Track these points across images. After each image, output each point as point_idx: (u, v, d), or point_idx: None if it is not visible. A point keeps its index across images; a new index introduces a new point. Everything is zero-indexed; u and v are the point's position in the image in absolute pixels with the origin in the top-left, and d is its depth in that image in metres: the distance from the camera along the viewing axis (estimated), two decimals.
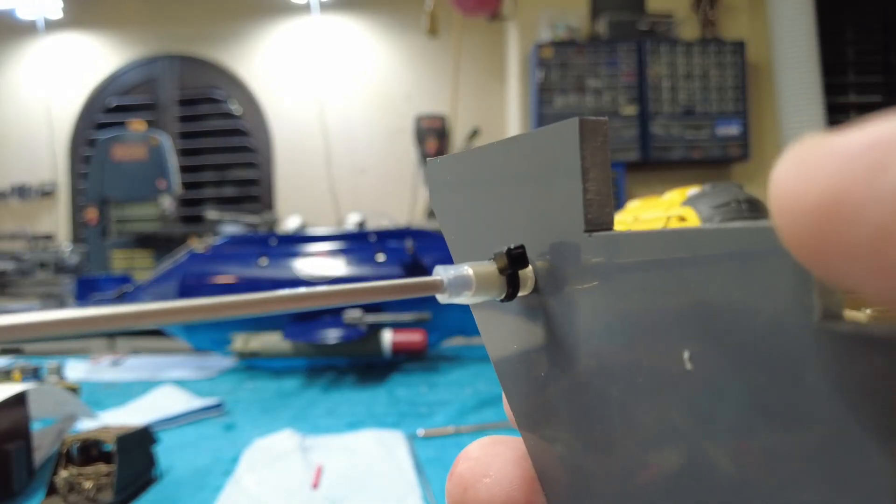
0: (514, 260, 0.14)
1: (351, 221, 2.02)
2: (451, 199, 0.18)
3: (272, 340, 0.99)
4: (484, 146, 0.16)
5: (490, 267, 0.14)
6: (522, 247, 0.14)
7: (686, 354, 0.10)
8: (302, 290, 0.12)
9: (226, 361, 1.08)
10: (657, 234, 0.11)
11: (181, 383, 0.90)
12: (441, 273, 0.14)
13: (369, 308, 1.01)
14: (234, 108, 2.88)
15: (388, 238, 1.12)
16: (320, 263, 1.06)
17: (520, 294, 0.14)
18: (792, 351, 0.09)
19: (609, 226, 0.13)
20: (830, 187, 0.07)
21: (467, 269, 0.14)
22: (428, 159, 0.18)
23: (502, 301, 0.14)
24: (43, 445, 0.60)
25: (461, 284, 0.14)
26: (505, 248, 0.14)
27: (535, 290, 0.14)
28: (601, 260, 0.12)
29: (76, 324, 0.10)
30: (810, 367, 0.08)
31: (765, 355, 0.09)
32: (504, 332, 0.16)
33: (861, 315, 0.08)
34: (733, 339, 0.10)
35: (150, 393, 0.84)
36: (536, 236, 0.14)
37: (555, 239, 0.14)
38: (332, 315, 1.01)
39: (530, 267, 0.14)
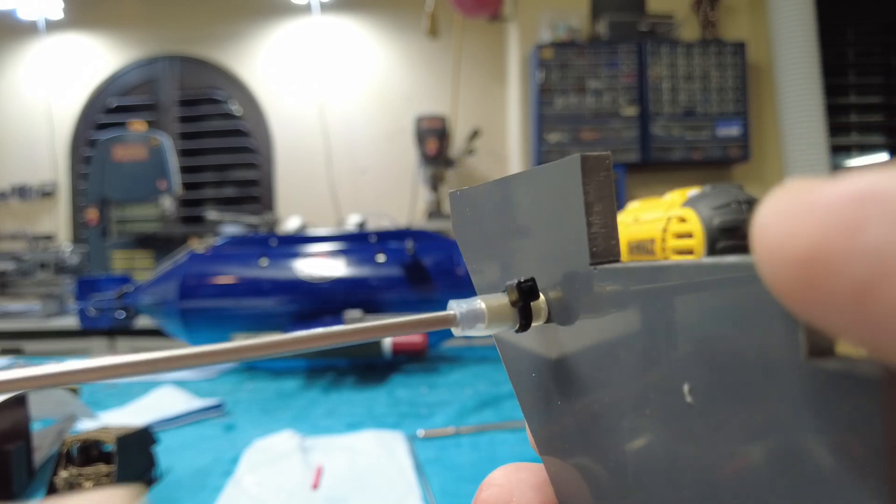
0: (525, 292, 0.15)
1: (351, 222, 2.02)
2: (471, 230, 0.19)
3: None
4: (498, 180, 0.17)
5: (503, 299, 0.15)
6: (533, 279, 0.15)
7: (686, 388, 0.11)
8: (319, 330, 0.13)
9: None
10: (658, 267, 0.11)
11: (181, 384, 0.90)
12: (454, 307, 0.14)
13: (370, 309, 1.01)
14: (235, 108, 2.88)
15: (388, 238, 1.12)
16: (320, 264, 1.06)
17: (534, 324, 0.15)
18: (783, 388, 0.09)
19: (616, 258, 0.13)
20: (812, 240, 0.07)
21: (479, 303, 0.14)
22: (450, 192, 0.19)
23: (517, 332, 0.15)
24: (43, 446, 0.60)
25: (474, 318, 0.14)
26: (515, 281, 0.15)
27: (549, 320, 0.15)
28: (607, 292, 0.13)
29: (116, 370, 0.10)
30: (801, 406, 0.08)
31: (759, 392, 0.09)
32: (522, 361, 0.17)
33: (848, 352, 0.08)
34: (729, 374, 0.10)
35: (151, 393, 0.84)
36: (548, 268, 0.15)
37: (564, 271, 0.14)
38: (332, 315, 1.01)
39: (542, 298, 0.15)
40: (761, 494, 0.09)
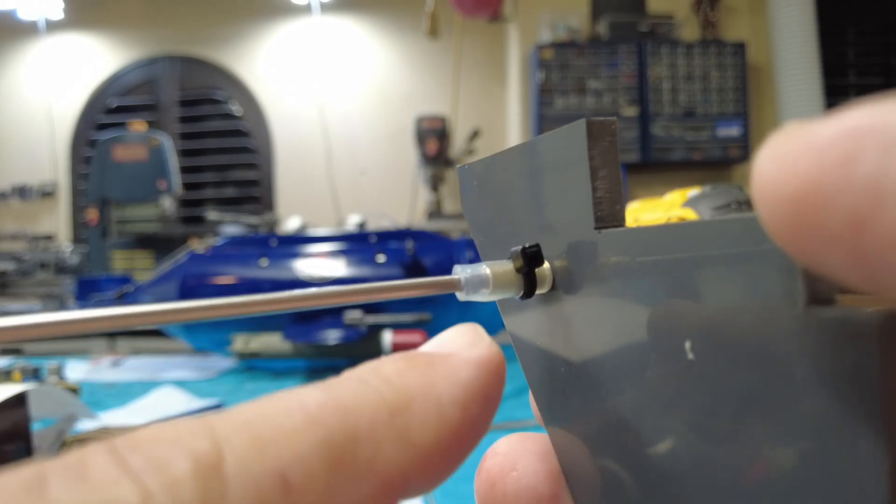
0: (530, 258, 0.15)
1: (351, 222, 2.02)
2: (478, 202, 0.19)
3: (272, 341, 0.99)
4: (504, 151, 0.17)
5: (507, 266, 0.15)
6: (538, 245, 0.15)
7: (688, 344, 0.11)
8: (315, 289, 0.13)
9: (226, 362, 1.08)
10: (661, 229, 0.11)
11: (181, 384, 0.90)
12: (459, 272, 0.14)
13: (369, 309, 1.01)
14: (235, 108, 2.89)
15: (388, 239, 1.12)
16: (321, 264, 1.06)
17: (538, 292, 0.15)
18: (781, 340, 0.09)
19: (620, 223, 0.13)
20: (807, 176, 0.07)
21: (484, 269, 0.14)
22: (458, 167, 0.19)
23: (521, 299, 0.15)
24: (43, 446, 0.60)
25: (478, 283, 0.14)
26: (520, 247, 0.15)
27: (554, 287, 0.15)
28: (611, 256, 0.13)
29: (76, 325, 0.10)
30: (799, 358, 0.08)
31: (757, 348, 0.09)
32: (527, 330, 0.16)
33: (852, 299, 0.08)
34: (729, 331, 0.10)
35: (151, 393, 0.84)
36: (553, 235, 0.15)
37: (569, 237, 0.14)
38: (332, 316, 1.01)
39: (547, 265, 0.15)
40: (759, 446, 0.09)
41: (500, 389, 0.12)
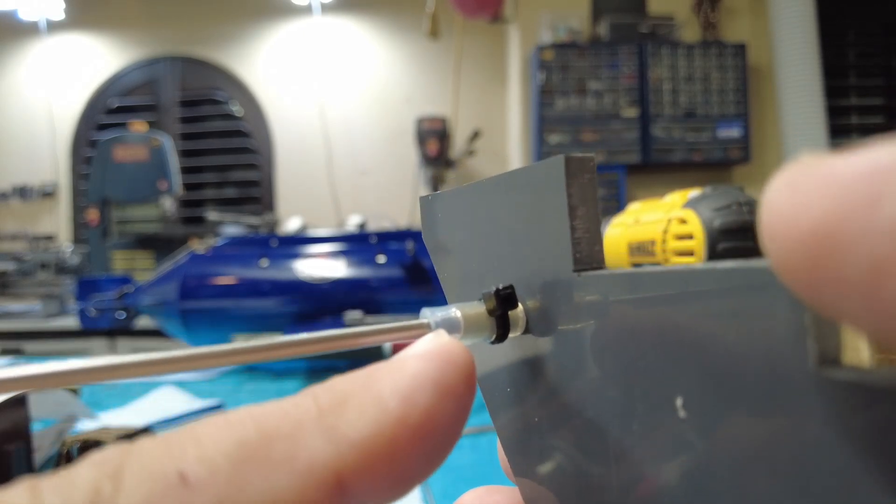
0: (503, 300, 0.14)
1: (352, 223, 2.02)
2: (443, 236, 0.18)
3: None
4: (475, 183, 0.16)
5: (479, 308, 0.14)
6: (511, 287, 0.14)
7: (679, 402, 0.10)
8: (298, 336, 0.12)
9: None
10: (648, 274, 0.11)
11: (181, 384, 0.90)
12: (428, 316, 0.13)
13: (370, 310, 1.01)
14: (236, 109, 2.89)
15: (388, 240, 1.12)
16: (321, 265, 1.06)
17: (511, 335, 0.14)
18: (790, 399, 0.08)
19: (599, 264, 0.13)
20: (825, 215, 0.07)
21: (455, 312, 0.13)
22: (420, 196, 0.18)
23: (493, 343, 0.14)
24: (43, 446, 0.60)
25: (449, 327, 0.13)
26: (493, 289, 0.14)
27: (527, 330, 0.14)
28: (591, 300, 0.12)
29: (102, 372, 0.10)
30: (811, 418, 0.08)
31: (762, 404, 0.09)
32: (496, 375, 0.16)
33: (862, 359, 0.08)
34: (729, 385, 0.09)
35: (151, 394, 0.84)
36: (527, 276, 0.14)
37: (545, 278, 0.13)
38: (332, 316, 1.01)
39: (521, 307, 0.14)
40: None
41: (463, 380, 0.11)
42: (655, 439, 0.11)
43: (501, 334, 0.14)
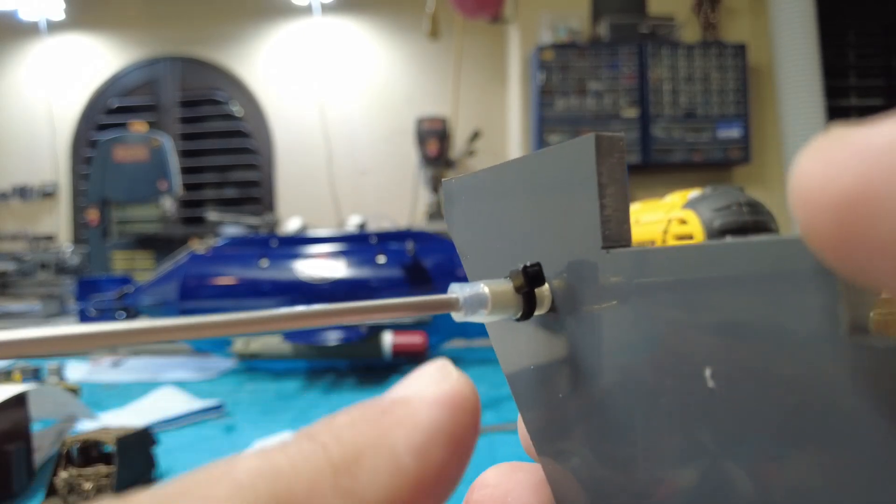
0: (531, 278, 0.14)
1: (352, 223, 2.02)
2: (466, 218, 0.18)
3: (273, 342, 0.99)
4: (500, 164, 0.16)
5: (506, 285, 0.14)
6: (539, 265, 0.14)
7: (708, 372, 0.10)
8: (317, 307, 0.12)
9: (226, 363, 1.08)
10: (678, 249, 0.11)
11: (181, 384, 0.90)
12: (457, 291, 0.14)
13: None
14: (236, 109, 2.89)
15: (388, 240, 1.12)
16: (321, 265, 1.06)
17: (536, 313, 0.14)
18: (822, 368, 0.08)
19: (627, 242, 0.13)
20: (856, 181, 0.07)
21: (483, 288, 0.13)
22: (444, 180, 0.18)
23: (518, 320, 0.14)
24: (43, 446, 0.60)
25: (477, 303, 0.13)
26: (521, 266, 0.14)
27: (553, 308, 0.14)
28: (619, 277, 0.12)
29: (83, 340, 0.10)
30: (843, 386, 0.08)
31: (794, 375, 0.09)
32: (520, 352, 0.16)
33: (891, 329, 0.08)
34: (759, 357, 0.09)
35: (151, 394, 0.84)
36: (553, 254, 0.14)
37: (572, 256, 0.13)
38: None
39: (547, 285, 0.14)
40: (803, 476, 0.09)
41: (473, 427, 0.11)
42: (684, 412, 0.11)
43: (527, 312, 0.14)
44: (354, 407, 0.11)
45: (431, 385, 0.11)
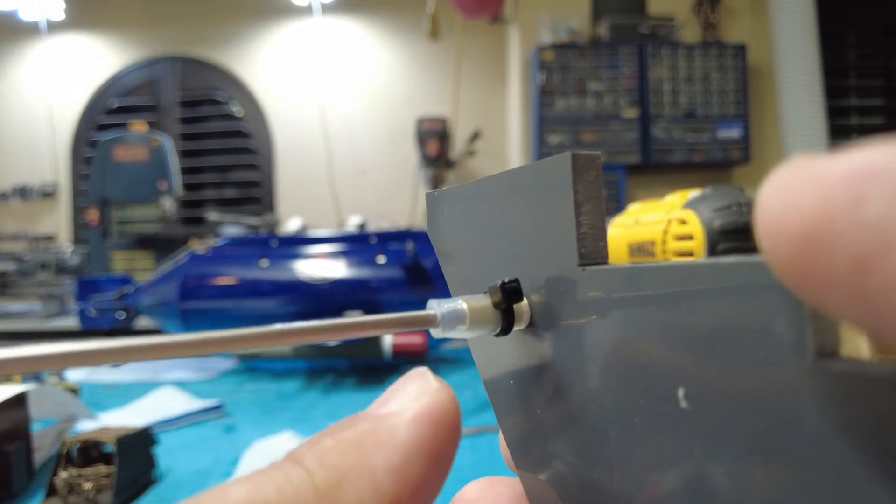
0: (509, 294, 0.14)
1: (352, 223, 2.02)
2: (449, 230, 0.18)
3: None
4: (481, 179, 0.16)
5: (484, 301, 0.14)
6: (517, 280, 0.14)
7: (681, 392, 0.10)
8: (297, 324, 0.12)
9: (226, 363, 1.08)
10: (651, 268, 0.11)
11: (181, 385, 0.90)
12: (435, 307, 0.14)
13: (370, 311, 1.01)
14: (236, 109, 2.89)
15: (388, 240, 1.12)
16: (321, 265, 1.06)
17: (515, 329, 0.14)
18: (789, 392, 0.08)
19: (603, 260, 0.13)
20: (812, 214, 0.07)
21: (461, 304, 0.14)
22: (426, 192, 0.19)
23: (497, 335, 0.14)
24: (43, 446, 0.60)
25: (455, 319, 0.13)
26: (499, 282, 0.14)
27: (531, 324, 0.14)
28: (595, 294, 0.12)
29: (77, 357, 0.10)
30: (809, 409, 0.08)
31: (761, 396, 0.09)
32: (500, 367, 0.16)
33: (860, 352, 0.08)
34: (729, 378, 0.09)
35: (151, 394, 0.84)
36: (532, 270, 0.14)
37: (550, 273, 0.14)
38: (332, 316, 1.01)
39: (525, 301, 0.14)
40: (767, 496, 0.09)
41: (451, 440, 0.11)
42: (657, 432, 0.11)
43: (506, 327, 0.14)
44: (340, 426, 0.11)
45: (412, 401, 0.11)
